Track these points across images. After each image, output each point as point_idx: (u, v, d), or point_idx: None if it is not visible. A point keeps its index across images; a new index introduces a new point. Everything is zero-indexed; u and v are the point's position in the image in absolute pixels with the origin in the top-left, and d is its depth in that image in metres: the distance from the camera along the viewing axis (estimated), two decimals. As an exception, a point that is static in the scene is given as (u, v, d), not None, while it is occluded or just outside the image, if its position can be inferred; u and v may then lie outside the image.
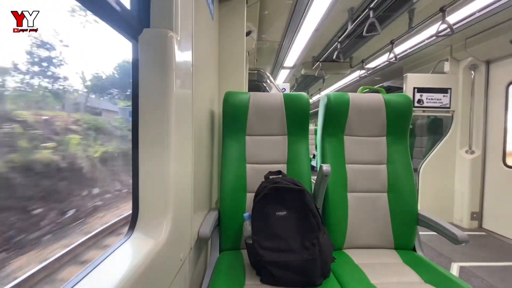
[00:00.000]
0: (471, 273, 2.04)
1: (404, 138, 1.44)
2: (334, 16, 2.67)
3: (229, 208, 1.31)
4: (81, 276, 0.54)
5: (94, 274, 0.56)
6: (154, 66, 0.74)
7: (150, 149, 0.75)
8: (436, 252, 2.40)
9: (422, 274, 1.08)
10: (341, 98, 1.40)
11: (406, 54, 3.37)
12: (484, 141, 3.03)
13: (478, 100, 3.03)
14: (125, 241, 0.70)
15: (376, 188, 1.39)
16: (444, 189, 3.16)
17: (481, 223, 3.04)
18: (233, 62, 1.83)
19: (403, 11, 2.46)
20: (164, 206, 0.75)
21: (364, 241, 1.35)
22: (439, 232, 1.21)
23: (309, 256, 1.00)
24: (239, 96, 1.41)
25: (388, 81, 4.52)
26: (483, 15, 2.33)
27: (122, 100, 6.76)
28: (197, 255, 1.22)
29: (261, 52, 3.99)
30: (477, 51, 2.88)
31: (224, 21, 1.80)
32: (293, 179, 1.20)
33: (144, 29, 0.75)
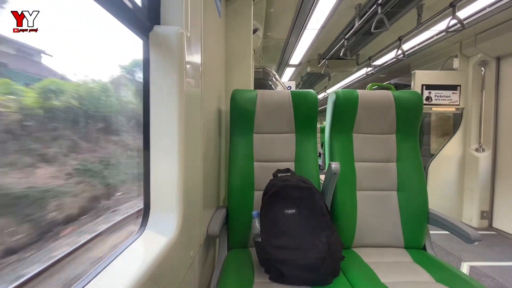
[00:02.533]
0: (481, 272, 2.01)
1: (414, 135, 1.41)
2: (341, 13, 2.64)
3: (237, 206, 1.30)
4: (94, 274, 0.55)
5: (108, 271, 0.56)
6: (164, 64, 0.74)
7: (161, 147, 0.75)
8: (446, 251, 2.37)
9: (433, 273, 1.07)
10: (350, 95, 1.38)
11: (414, 50, 3.32)
12: (494, 138, 2.97)
13: (488, 97, 2.97)
14: (138, 238, 0.70)
15: (385, 186, 1.37)
16: (453, 187, 3.12)
17: (491, 222, 2.99)
18: (239, 60, 1.83)
19: (411, 7, 2.42)
20: (175, 203, 0.75)
21: (374, 239, 1.33)
22: (450, 231, 1.19)
23: (319, 254, 0.99)
24: (246, 94, 1.40)
25: (395, 78, 4.46)
26: (493, 10, 2.28)
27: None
28: (206, 252, 1.22)
29: (267, 50, 3.97)
30: (487, 47, 2.82)
31: (230, 19, 1.79)
32: (302, 177, 1.19)
33: (155, 26, 0.75)
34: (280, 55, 4.17)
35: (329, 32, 3.14)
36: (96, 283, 0.52)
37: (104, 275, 0.54)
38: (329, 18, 2.71)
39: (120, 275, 0.53)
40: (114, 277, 0.54)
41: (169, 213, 0.75)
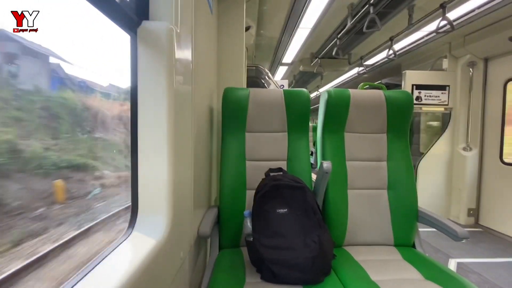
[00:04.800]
0: (468, 269, 2.06)
1: (404, 135, 1.43)
2: (334, 12, 2.65)
3: (229, 206, 1.29)
4: (81, 276, 0.53)
5: (94, 274, 0.54)
6: (153, 61, 0.72)
7: (149, 146, 0.73)
8: (434, 248, 2.42)
9: (422, 270, 1.08)
10: (342, 94, 1.39)
11: (405, 51, 3.37)
12: (481, 138, 3.04)
13: (476, 97, 3.03)
14: (125, 240, 0.68)
15: (376, 185, 1.39)
16: (441, 186, 3.18)
17: (477, 220, 3.07)
18: (232, 58, 1.81)
19: (403, 7, 2.45)
20: (164, 204, 0.73)
21: (364, 238, 1.34)
22: (439, 229, 1.21)
23: (310, 253, 0.99)
24: (238, 92, 1.39)
25: (386, 78, 4.52)
26: (482, 12, 2.33)
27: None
28: (196, 253, 1.21)
29: (260, 48, 3.96)
30: (476, 49, 2.88)
31: (223, 16, 1.77)
32: (293, 176, 1.19)
33: (143, 22, 0.73)
34: (273, 53, 4.16)
35: (322, 31, 3.14)
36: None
37: (88, 280, 0.52)
38: (321, 17, 2.71)
39: (106, 279, 0.52)
40: (99, 282, 0.52)
41: (157, 214, 0.73)
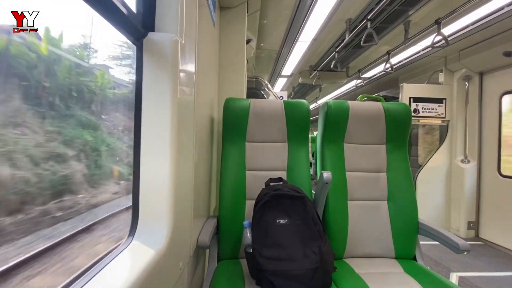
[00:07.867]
0: (470, 283, 2.03)
1: (403, 146, 1.44)
2: (332, 27, 2.72)
3: (228, 216, 1.28)
4: (80, 285, 0.52)
5: (93, 284, 0.53)
6: (158, 70, 0.74)
7: (152, 156, 0.74)
8: (434, 261, 2.38)
9: (423, 283, 1.07)
10: (341, 106, 1.41)
11: (402, 64, 3.44)
12: (479, 150, 3.07)
13: (472, 110, 3.08)
14: (124, 249, 0.67)
15: (376, 196, 1.38)
16: (440, 198, 3.18)
17: (477, 233, 3.04)
18: (233, 69, 1.84)
19: (399, 23, 2.52)
20: (165, 213, 0.73)
21: (365, 250, 1.33)
22: (440, 241, 1.20)
23: (311, 265, 0.98)
24: (239, 102, 1.40)
25: (384, 90, 4.59)
26: (476, 28, 2.40)
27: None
28: (195, 264, 1.19)
29: (260, 60, 4.02)
30: (471, 63, 2.95)
31: (225, 29, 1.81)
32: (294, 186, 1.19)
33: (149, 33, 0.75)
34: (273, 65, 4.23)
35: (321, 44, 3.21)
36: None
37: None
38: (320, 31, 2.78)
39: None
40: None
41: (158, 223, 0.73)
